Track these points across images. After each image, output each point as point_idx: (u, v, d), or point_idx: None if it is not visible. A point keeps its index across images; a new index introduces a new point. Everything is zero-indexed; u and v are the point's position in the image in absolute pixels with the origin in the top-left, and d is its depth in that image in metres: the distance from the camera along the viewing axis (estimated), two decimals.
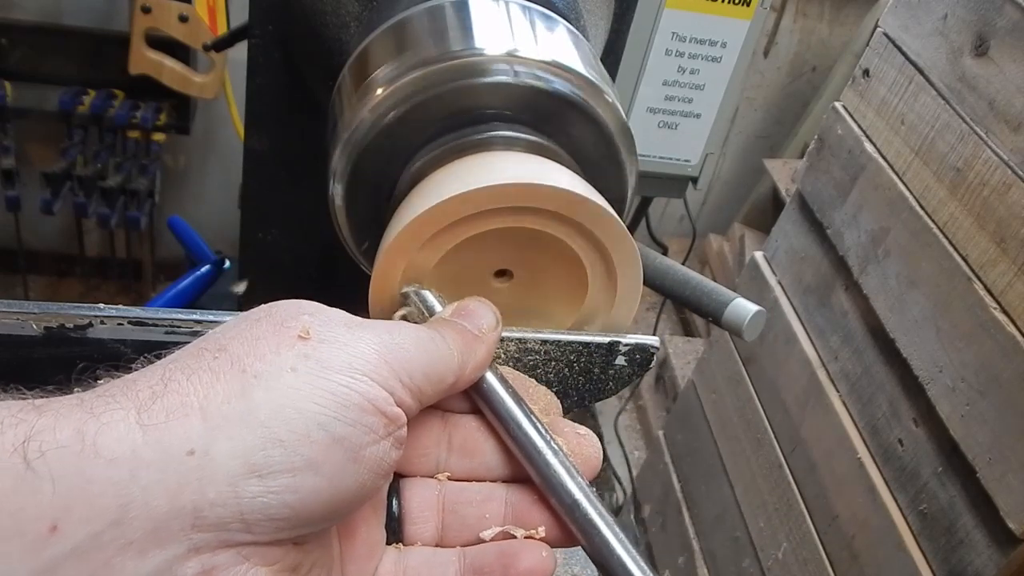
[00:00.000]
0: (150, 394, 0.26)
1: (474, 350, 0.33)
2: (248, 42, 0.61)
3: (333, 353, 0.28)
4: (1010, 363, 0.77)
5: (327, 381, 0.28)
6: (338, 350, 0.29)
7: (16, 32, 1.72)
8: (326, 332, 0.29)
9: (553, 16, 0.48)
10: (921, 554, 0.87)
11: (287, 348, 0.28)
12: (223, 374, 0.27)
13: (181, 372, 0.27)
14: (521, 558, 0.32)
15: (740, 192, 2.21)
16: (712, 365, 1.32)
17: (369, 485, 0.29)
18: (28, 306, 0.33)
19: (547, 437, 0.33)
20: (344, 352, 0.29)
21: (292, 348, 0.28)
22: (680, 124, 0.75)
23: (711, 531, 1.29)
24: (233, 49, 0.97)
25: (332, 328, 0.30)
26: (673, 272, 0.52)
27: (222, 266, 1.58)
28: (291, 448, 0.26)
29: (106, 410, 0.25)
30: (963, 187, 0.85)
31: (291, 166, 0.64)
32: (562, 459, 0.33)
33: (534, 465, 0.33)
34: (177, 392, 0.26)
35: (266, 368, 0.27)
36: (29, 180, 1.81)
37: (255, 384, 0.27)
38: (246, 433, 0.26)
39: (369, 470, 0.28)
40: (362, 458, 0.28)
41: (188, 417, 0.26)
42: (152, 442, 0.25)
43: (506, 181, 0.38)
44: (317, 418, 0.27)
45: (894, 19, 0.98)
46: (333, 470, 0.27)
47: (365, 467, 0.28)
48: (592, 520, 0.32)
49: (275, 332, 0.29)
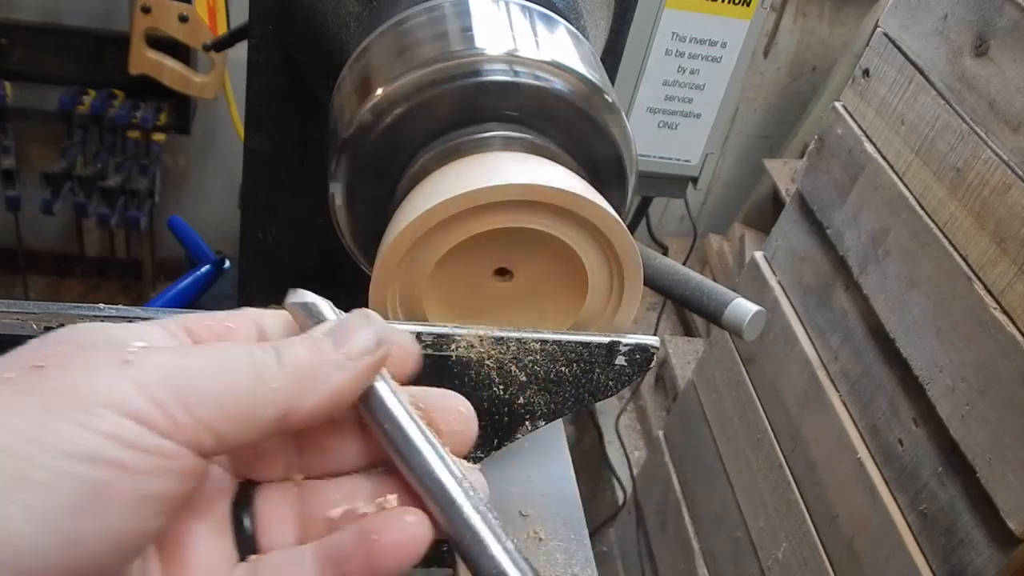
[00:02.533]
0: None
1: (324, 379, 0.28)
2: (248, 42, 0.61)
3: (62, 384, 0.25)
4: (1010, 363, 0.77)
5: (47, 417, 0.24)
6: (70, 379, 0.25)
7: (16, 32, 1.72)
8: (65, 362, 0.25)
9: (553, 16, 0.48)
10: (921, 554, 0.87)
11: (9, 383, 0.25)
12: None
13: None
14: (384, 533, 0.28)
15: (740, 192, 2.21)
16: (712, 365, 1.32)
17: (139, 529, 0.25)
18: (28, 306, 0.34)
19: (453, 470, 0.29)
20: (77, 382, 0.25)
21: (15, 382, 0.25)
22: (680, 124, 0.75)
23: (711, 531, 1.29)
24: (233, 49, 0.97)
25: (78, 359, 0.26)
26: (673, 272, 0.52)
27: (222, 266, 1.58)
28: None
29: None
30: (963, 187, 0.85)
31: (291, 166, 0.64)
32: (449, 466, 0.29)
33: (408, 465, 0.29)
34: None
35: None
36: (29, 180, 1.81)
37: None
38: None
39: (131, 508, 0.25)
40: (109, 498, 0.24)
41: None
42: None
43: (506, 181, 0.38)
44: (34, 457, 0.23)
45: (894, 19, 0.98)
46: (65, 515, 0.23)
47: (122, 505, 0.24)
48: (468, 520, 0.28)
49: (7, 366, 0.25)
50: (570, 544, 0.52)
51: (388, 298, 0.41)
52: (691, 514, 1.35)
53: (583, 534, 0.52)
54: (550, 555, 0.52)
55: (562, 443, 0.58)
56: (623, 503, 1.61)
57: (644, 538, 1.50)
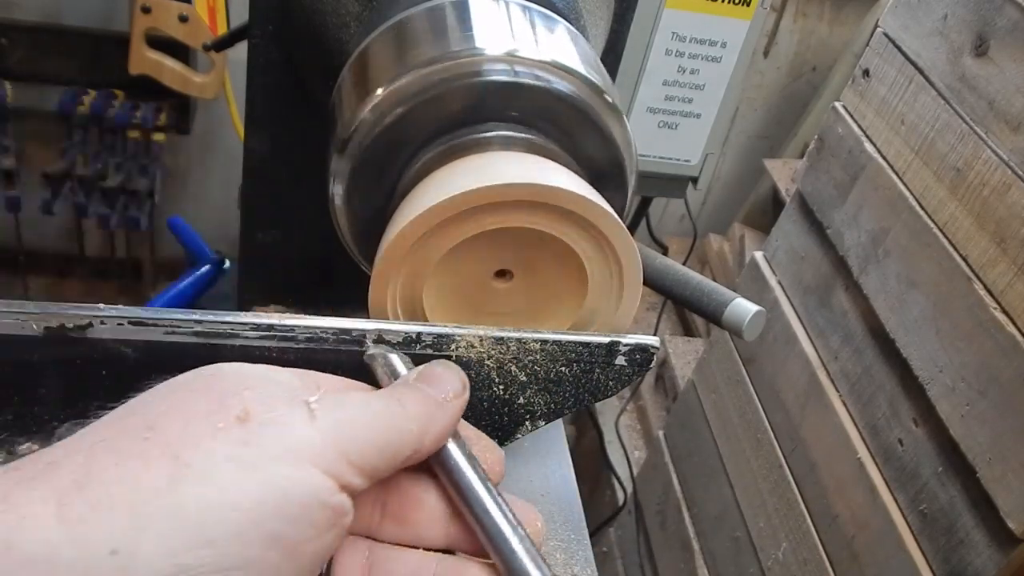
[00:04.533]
0: (72, 482, 0.24)
1: (436, 419, 0.31)
2: (248, 42, 0.61)
3: (274, 439, 0.26)
4: (1010, 363, 0.77)
5: (265, 473, 0.25)
6: (280, 434, 0.27)
7: (16, 32, 1.71)
8: (267, 413, 0.27)
9: (553, 16, 0.48)
10: (921, 554, 0.87)
11: (224, 432, 0.26)
12: (153, 462, 0.25)
13: (107, 455, 0.25)
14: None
15: (740, 192, 2.21)
16: (712, 365, 1.32)
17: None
18: (28, 306, 0.33)
19: (512, 521, 0.32)
20: (286, 437, 0.27)
21: (229, 433, 0.26)
22: (680, 124, 0.75)
23: (711, 531, 1.29)
24: (233, 49, 0.97)
25: (274, 406, 0.27)
26: (673, 272, 0.52)
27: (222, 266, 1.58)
28: (223, 548, 0.24)
29: (25, 502, 0.24)
30: (963, 187, 0.85)
31: (291, 166, 0.64)
32: (527, 546, 0.32)
33: (498, 551, 0.32)
34: (101, 481, 0.24)
35: (199, 458, 0.25)
36: (29, 180, 1.81)
37: (187, 475, 0.25)
38: (175, 531, 0.24)
39: (308, 565, 0.27)
40: (301, 554, 0.26)
41: (113, 511, 0.24)
42: (72, 540, 0.23)
43: (506, 181, 0.38)
44: (252, 515, 0.25)
45: (894, 19, 0.98)
46: (268, 570, 0.25)
47: (304, 562, 0.26)
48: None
49: (211, 412, 0.27)
50: (570, 544, 0.52)
51: (388, 298, 0.41)
52: (691, 514, 1.35)
53: (583, 534, 0.51)
54: (550, 555, 0.52)
55: (562, 443, 0.58)
56: (623, 503, 1.61)
57: (644, 538, 1.50)
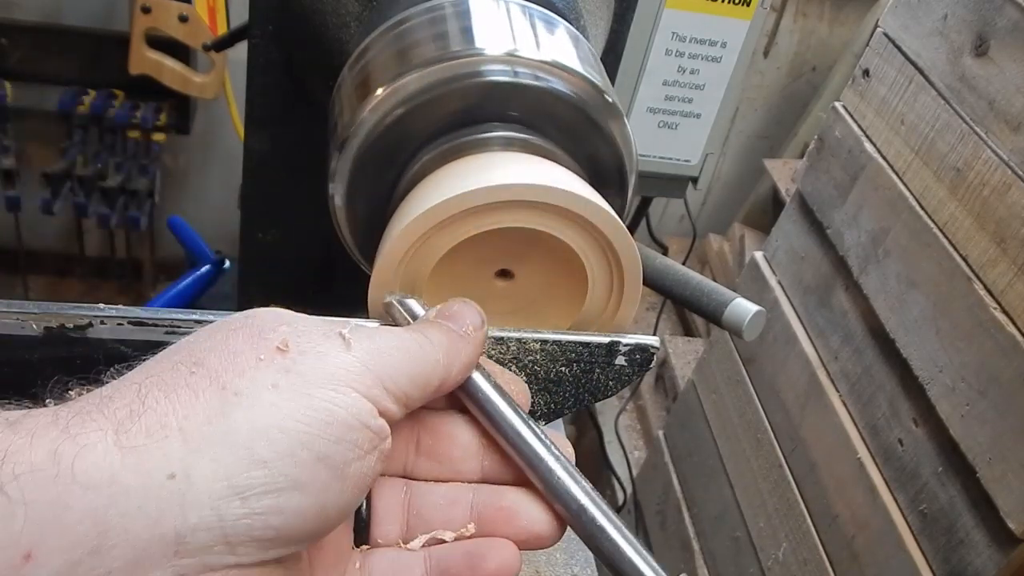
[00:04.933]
0: (127, 413, 0.25)
1: (460, 350, 0.32)
2: (248, 42, 0.61)
3: (314, 365, 0.28)
4: (1010, 363, 0.77)
5: (309, 397, 0.27)
6: (319, 362, 0.28)
7: (16, 32, 1.71)
8: (305, 343, 0.28)
9: (553, 16, 0.48)
10: (921, 554, 0.87)
11: (267, 363, 0.27)
12: (202, 392, 0.26)
13: (159, 389, 0.26)
14: (488, 557, 0.32)
15: (740, 192, 2.21)
16: (712, 365, 1.32)
17: (353, 501, 0.28)
18: (28, 306, 0.34)
19: (546, 442, 0.33)
20: (326, 363, 0.28)
21: (272, 362, 0.27)
22: (680, 124, 0.75)
23: (711, 531, 1.29)
24: (233, 49, 0.97)
25: (312, 338, 0.29)
26: (673, 272, 0.52)
27: (222, 266, 1.58)
28: (274, 469, 0.26)
29: (83, 431, 0.24)
30: (963, 187, 0.85)
31: (291, 166, 0.64)
32: (564, 464, 0.33)
33: (536, 471, 0.33)
34: (155, 411, 0.25)
35: (246, 385, 0.26)
36: (29, 180, 1.81)
37: (236, 402, 0.26)
38: (228, 454, 0.25)
39: (354, 486, 0.28)
40: (347, 475, 0.27)
41: (168, 439, 0.25)
42: (131, 466, 0.24)
43: (506, 181, 0.38)
44: (300, 437, 0.26)
45: (894, 19, 0.98)
46: (318, 489, 0.27)
47: (350, 483, 0.28)
48: (601, 525, 0.32)
49: (253, 345, 0.28)
50: (570, 544, 0.52)
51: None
52: (691, 514, 1.35)
53: None
54: (550, 555, 0.52)
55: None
56: (623, 503, 1.61)
57: (644, 538, 1.50)
